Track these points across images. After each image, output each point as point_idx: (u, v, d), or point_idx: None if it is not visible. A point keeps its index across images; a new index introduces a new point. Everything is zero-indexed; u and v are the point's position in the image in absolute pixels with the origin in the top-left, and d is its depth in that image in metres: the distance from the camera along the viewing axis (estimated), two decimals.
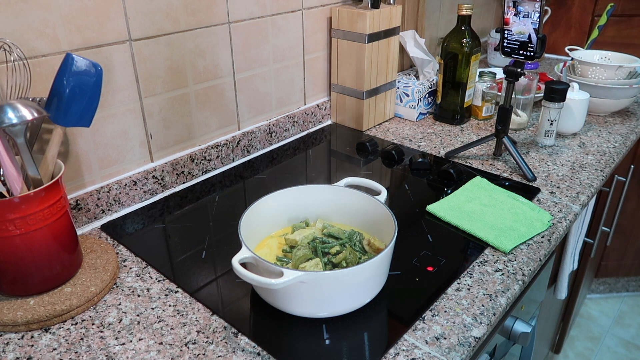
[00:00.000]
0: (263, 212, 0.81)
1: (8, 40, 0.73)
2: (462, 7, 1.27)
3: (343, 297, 0.69)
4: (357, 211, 0.83)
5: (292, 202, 0.84)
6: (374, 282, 0.71)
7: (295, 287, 0.65)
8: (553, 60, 1.97)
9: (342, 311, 0.71)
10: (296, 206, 0.85)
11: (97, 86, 0.74)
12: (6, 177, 0.68)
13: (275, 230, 0.85)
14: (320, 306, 0.69)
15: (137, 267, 0.83)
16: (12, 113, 0.65)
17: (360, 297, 0.71)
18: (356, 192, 0.82)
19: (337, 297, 0.68)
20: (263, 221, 0.82)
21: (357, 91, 1.31)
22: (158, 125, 1.01)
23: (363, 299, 0.71)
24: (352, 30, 1.25)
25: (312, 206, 0.85)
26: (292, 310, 0.70)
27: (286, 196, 0.83)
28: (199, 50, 1.03)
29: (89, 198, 0.92)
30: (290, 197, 0.84)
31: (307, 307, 0.69)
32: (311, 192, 0.84)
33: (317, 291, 0.66)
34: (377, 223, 0.79)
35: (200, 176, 1.11)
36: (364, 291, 0.70)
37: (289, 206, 0.84)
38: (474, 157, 1.19)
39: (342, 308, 0.70)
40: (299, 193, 0.84)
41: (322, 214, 0.86)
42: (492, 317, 0.72)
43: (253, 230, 0.79)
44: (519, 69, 1.07)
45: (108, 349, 0.67)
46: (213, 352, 0.67)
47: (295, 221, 0.86)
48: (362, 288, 0.70)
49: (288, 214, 0.85)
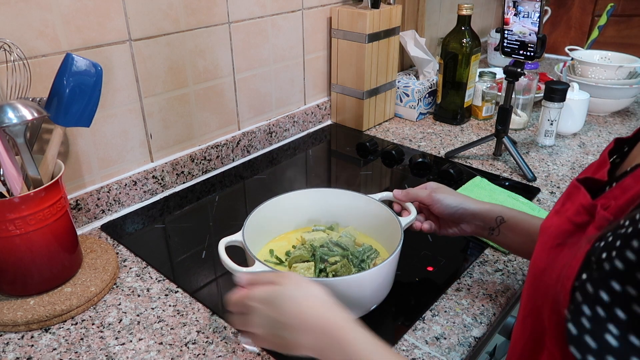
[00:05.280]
0: (292, 205, 0.81)
1: (8, 40, 0.73)
2: (462, 7, 1.27)
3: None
4: (382, 227, 0.79)
5: (327, 203, 0.83)
6: (359, 298, 0.67)
7: None
8: (553, 60, 1.97)
9: None
10: (329, 207, 0.83)
11: (97, 86, 0.74)
12: (6, 177, 0.68)
13: (302, 227, 0.84)
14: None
15: (137, 267, 0.83)
16: (12, 113, 0.65)
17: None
18: (383, 207, 0.78)
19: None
20: (292, 214, 0.82)
21: (357, 91, 1.31)
22: (158, 125, 1.01)
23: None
24: (352, 30, 1.25)
25: (345, 212, 0.83)
26: None
27: (323, 195, 0.83)
28: (199, 50, 1.03)
29: (89, 198, 0.92)
30: (326, 198, 0.83)
31: None
32: (348, 199, 0.82)
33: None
34: (391, 240, 0.76)
35: (200, 176, 1.11)
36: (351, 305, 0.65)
37: (322, 206, 0.83)
38: (474, 157, 1.19)
39: None
40: (336, 196, 0.83)
41: (355, 222, 0.83)
42: (492, 317, 0.72)
43: (279, 220, 0.80)
44: (519, 69, 1.07)
45: (108, 349, 0.67)
46: (213, 352, 0.67)
47: (326, 223, 0.84)
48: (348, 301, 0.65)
49: (321, 214, 0.84)
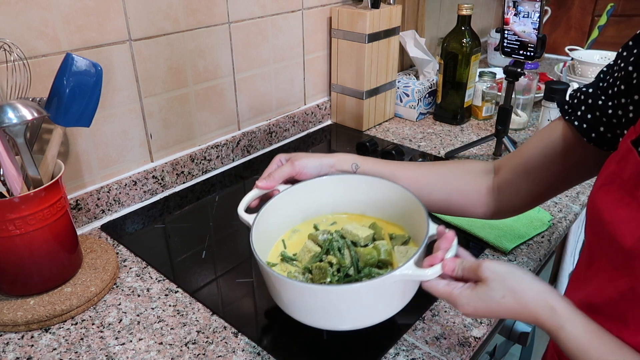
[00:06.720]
0: (307, 195, 0.75)
1: (8, 40, 0.73)
2: (462, 7, 1.27)
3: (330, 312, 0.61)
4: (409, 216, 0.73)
5: (343, 190, 0.76)
6: (369, 307, 0.61)
7: (300, 294, 0.61)
8: (553, 60, 1.97)
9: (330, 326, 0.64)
10: (343, 195, 0.77)
11: (97, 86, 0.74)
12: (6, 177, 0.68)
13: (314, 217, 0.79)
14: (316, 316, 0.62)
15: (137, 267, 0.83)
16: (12, 113, 0.65)
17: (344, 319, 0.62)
18: (407, 193, 0.71)
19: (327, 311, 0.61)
20: (311, 203, 0.76)
21: (357, 91, 1.31)
22: (158, 125, 1.01)
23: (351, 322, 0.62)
24: (352, 30, 1.25)
25: (361, 198, 0.77)
26: (293, 314, 0.64)
27: (350, 181, 0.75)
28: (199, 50, 1.03)
29: (89, 198, 0.92)
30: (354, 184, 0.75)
31: (305, 313, 0.63)
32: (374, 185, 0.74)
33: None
34: (416, 229, 0.70)
35: (200, 176, 1.11)
36: (343, 315, 0.61)
37: (336, 194, 0.77)
38: (474, 157, 1.19)
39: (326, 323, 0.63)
40: (366, 183, 0.75)
41: (371, 208, 0.77)
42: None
43: (300, 208, 0.76)
44: (519, 69, 1.07)
45: (108, 349, 0.67)
46: (213, 352, 0.67)
47: (353, 211, 0.79)
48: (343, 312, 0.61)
49: (340, 201, 0.78)
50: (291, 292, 0.61)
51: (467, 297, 0.54)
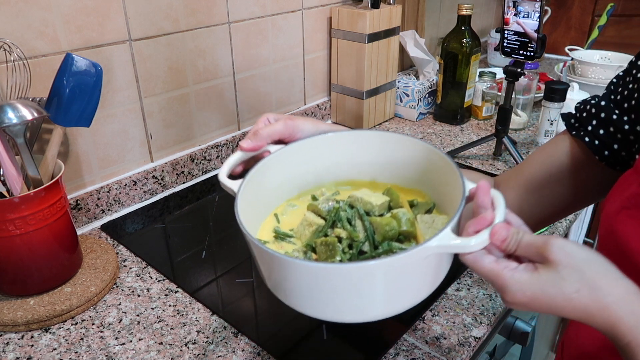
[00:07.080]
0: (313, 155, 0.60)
1: (8, 40, 0.73)
2: (462, 7, 1.27)
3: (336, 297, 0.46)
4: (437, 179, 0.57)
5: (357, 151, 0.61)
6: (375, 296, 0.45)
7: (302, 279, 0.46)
8: (553, 60, 1.97)
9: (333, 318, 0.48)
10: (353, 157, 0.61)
11: (97, 86, 0.74)
12: (6, 177, 0.68)
13: (313, 186, 0.62)
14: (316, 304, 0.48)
15: (137, 267, 0.83)
16: (12, 113, 0.65)
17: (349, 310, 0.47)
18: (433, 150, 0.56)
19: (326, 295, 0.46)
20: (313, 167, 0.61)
21: (357, 91, 1.31)
22: (158, 125, 1.01)
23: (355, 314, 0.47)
24: (352, 30, 1.25)
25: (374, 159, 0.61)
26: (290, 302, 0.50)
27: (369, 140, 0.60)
28: (199, 50, 1.03)
29: (89, 198, 0.92)
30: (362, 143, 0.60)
31: (304, 300, 0.48)
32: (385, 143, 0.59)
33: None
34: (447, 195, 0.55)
35: (200, 176, 1.11)
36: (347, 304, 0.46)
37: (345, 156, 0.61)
38: (474, 157, 1.19)
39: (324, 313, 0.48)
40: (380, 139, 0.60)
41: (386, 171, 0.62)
42: (492, 317, 0.72)
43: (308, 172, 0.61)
44: (519, 69, 1.07)
45: (108, 349, 0.67)
46: (213, 352, 0.67)
47: (365, 178, 0.62)
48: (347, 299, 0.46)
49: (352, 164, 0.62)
50: (295, 276, 0.46)
51: (522, 283, 0.40)
